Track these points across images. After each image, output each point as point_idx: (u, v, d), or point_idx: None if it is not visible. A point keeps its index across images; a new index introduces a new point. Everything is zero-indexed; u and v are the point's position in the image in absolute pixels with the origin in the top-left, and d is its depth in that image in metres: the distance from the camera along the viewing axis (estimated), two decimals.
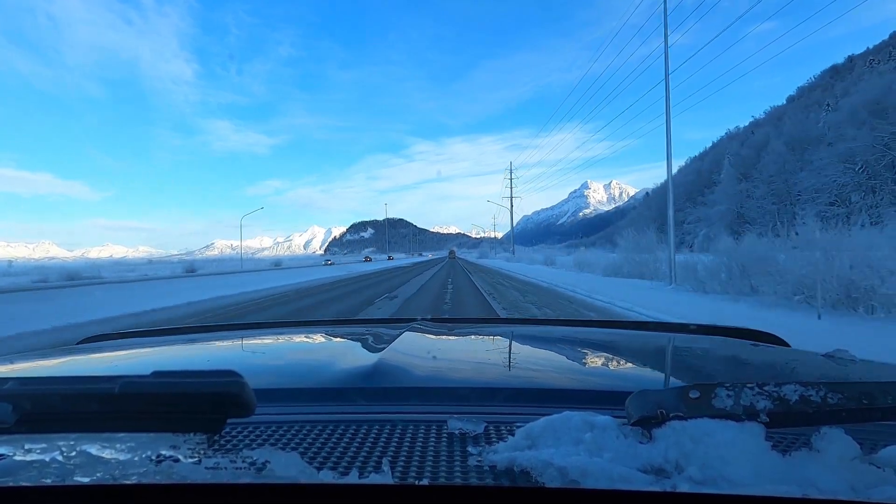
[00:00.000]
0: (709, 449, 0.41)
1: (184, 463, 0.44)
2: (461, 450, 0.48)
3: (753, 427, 0.42)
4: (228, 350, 1.20)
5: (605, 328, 1.58)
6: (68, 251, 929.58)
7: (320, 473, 0.42)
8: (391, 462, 0.45)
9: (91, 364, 1.02)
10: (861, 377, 0.79)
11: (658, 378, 0.91)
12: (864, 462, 0.42)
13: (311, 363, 1.03)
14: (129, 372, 0.46)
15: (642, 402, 0.46)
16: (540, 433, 0.46)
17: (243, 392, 0.43)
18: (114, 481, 0.42)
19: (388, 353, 0.90)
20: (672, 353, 1.12)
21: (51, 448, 0.47)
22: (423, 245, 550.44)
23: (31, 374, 0.89)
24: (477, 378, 0.85)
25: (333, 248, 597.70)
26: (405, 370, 0.79)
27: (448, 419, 0.54)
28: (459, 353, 1.11)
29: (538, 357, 1.08)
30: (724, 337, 1.26)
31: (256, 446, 0.48)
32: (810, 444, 0.44)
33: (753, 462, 0.40)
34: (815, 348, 0.99)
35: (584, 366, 1.02)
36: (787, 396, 0.43)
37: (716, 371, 1.01)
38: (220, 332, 1.53)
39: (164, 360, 1.08)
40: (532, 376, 0.86)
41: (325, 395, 0.69)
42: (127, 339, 1.36)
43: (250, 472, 0.42)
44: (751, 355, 1.05)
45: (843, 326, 6.38)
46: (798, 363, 0.96)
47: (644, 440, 0.44)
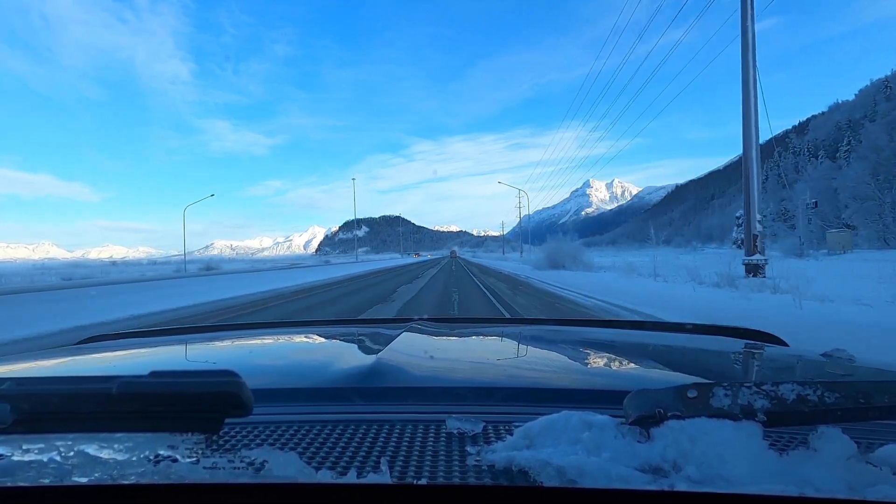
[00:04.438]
0: (706, 448, 0.41)
1: (182, 463, 0.44)
2: (459, 449, 0.48)
3: (751, 426, 0.42)
4: (226, 350, 1.20)
5: (603, 328, 1.58)
6: (68, 252, 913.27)
7: (319, 473, 0.42)
8: (389, 462, 0.45)
9: (89, 364, 1.02)
10: (858, 376, 0.79)
11: (656, 377, 0.91)
12: (860, 461, 0.42)
13: (310, 363, 1.03)
14: (127, 372, 0.46)
15: (640, 402, 0.46)
16: (538, 433, 0.46)
17: (241, 392, 0.43)
18: (112, 481, 0.42)
19: (387, 352, 0.90)
20: (670, 353, 1.12)
21: (49, 448, 0.47)
22: (421, 244, 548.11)
23: (29, 374, 0.89)
24: (475, 378, 0.85)
25: (325, 248, 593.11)
26: (403, 370, 0.79)
27: (446, 419, 0.54)
28: (458, 353, 1.11)
29: (536, 357, 1.08)
30: (722, 336, 1.26)
31: (255, 446, 0.48)
32: (807, 444, 0.44)
33: (751, 461, 0.40)
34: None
35: (583, 365, 1.02)
36: (784, 396, 0.43)
37: (713, 370, 1.01)
38: (219, 332, 1.53)
39: (162, 360, 1.08)
40: (530, 376, 0.86)
41: (323, 395, 0.69)
42: (125, 340, 1.36)
43: (248, 471, 0.42)
44: (748, 355, 1.05)
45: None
46: (796, 362, 0.96)
47: (642, 439, 0.44)
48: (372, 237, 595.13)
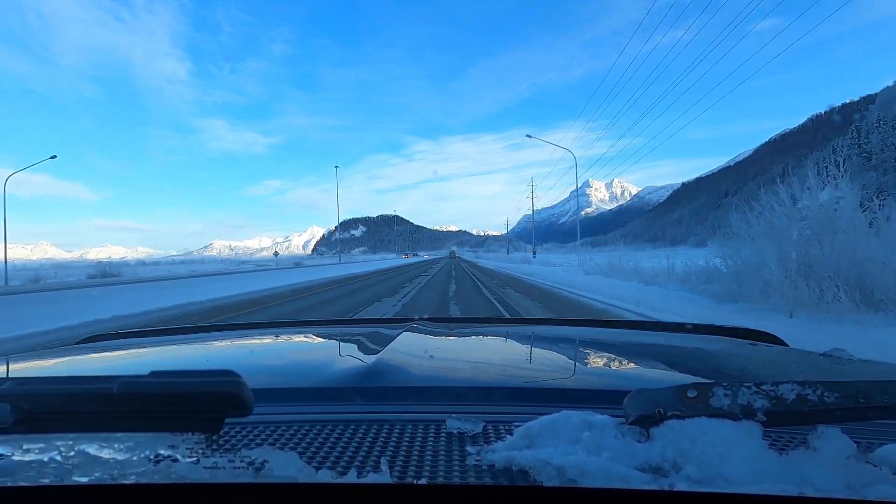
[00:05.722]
0: (706, 448, 0.41)
1: (182, 463, 0.44)
2: (459, 449, 0.48)
3: (751, 426, 0.42)
4: (227, 350, 1.20)
5: (602, 328, 1.58)
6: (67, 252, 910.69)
7: (319, 473, 0.42)
8: (389, 461, 0.45)
9: (89, 364, 1.02)
10: (858, 376, 0.79)
11: (656, 377, 0.91)
12: (860, 460, 0.42)
13: (310, 363, 1.03)
14: (127, 372, 0.46)
15: (640, 402, 0.46)
16: (538, 432, 0.46)
17: (241, 392, 0.43)
18: (112, 481, 0.42)
19: (387, 352, 0.90)
20: (670, 353, 1.12)
21: (49, 448, 0.47)
22: (420, 244, 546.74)
23: (30, 374, 0.89)
24: (475, 377, 0.85)
25: (322, 248, 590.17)
26: (404, 370, 0.79)
27: (446, 419, 0.54)
28: (458, 353, 1.11)
29: (536, 356, 1.08)
30: (722, 336, 1.26)
31: (255, 446, 0.48)
32: (807, 443, 0.44)
33: (750, 461, 0.40)
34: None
35: (582, 365, 1.02)
36: (784, 395, 0.43)
37: (713, 370, 1.01)
38: (219, 332, 1.53)
39: (162, 359, 1.08)
40: (530, 375, 0.86)
41: (323, 395, 0.69)
42: (125, 339, 1.36)
43: (249, 471, 0.42)
44: (748, 355, 1.05)
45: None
46: (795, 362, 0.96)
47: (642, 439, 0.44)
48: (369, 237, 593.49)
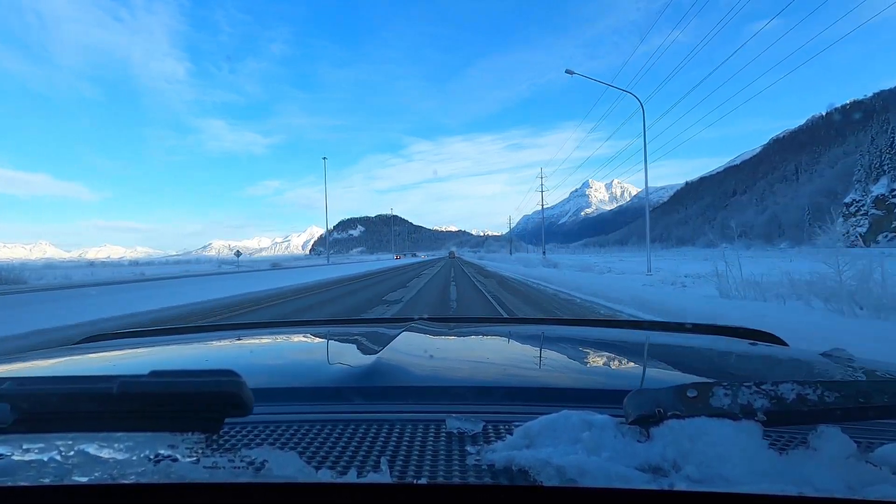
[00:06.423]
0: (706, 448, 0.41)
1: (182, 462, 0.44)
2: (459, 449, 0.48)
3: (750, 426, 0.42)
4: (226, 350, 1.20)
5: (602, 327, 1.58)
6: (65, 252, 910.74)
7: (319, 473, 0.42)
8: (389, 461, 0.45)
9: (89, 364, 1.01)
10: (858, 376, 0.79)
11: (656, 377, 0.91)
12: (860, 460, 0.42)
13: (309, 363, 1.03)
14: (127, 371, 0.46)
15: (640, 401, 0.46)
16: (538, 432, 0.46)
17: (241, 391, 0.43)
18: (112, 481, 0.42)
19: (387, 352, 0.90)
20: (670, 353, 1.12)
21: (49, 448, 0.47)
22: (420, 244, 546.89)
23: (29, 373, 0.89)
24: (475, 377, 0.85)
25: (320, 248, 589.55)
26: (403, 369, 0.79)
27: (446, 418, 0.54)
28: (458, 353, 1.11)
29: (536, 356, 1.08)
30: (722, 336, 1.27)
31: (255, 446, 0.48)
32: (807, 443, 0.44)
33: (750, 460, 0.40)
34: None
35: (582, 365, 1.02)
36: (784, 395, 0.43)
37: (713, 370, 1.01)
38: (218, 331, 1.53)
39: (162, 359, 1.08)
40: (530, 375, 0.86)
41: (323, 395, 0.69)
42: (125, 339, 1.36)
43: (248, 471, 0.42)
44: (748, 354, 1.05)
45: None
46: (795, 362, 0.96)
47: (642, 439, 0.44)
48: (368, 237, 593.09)
